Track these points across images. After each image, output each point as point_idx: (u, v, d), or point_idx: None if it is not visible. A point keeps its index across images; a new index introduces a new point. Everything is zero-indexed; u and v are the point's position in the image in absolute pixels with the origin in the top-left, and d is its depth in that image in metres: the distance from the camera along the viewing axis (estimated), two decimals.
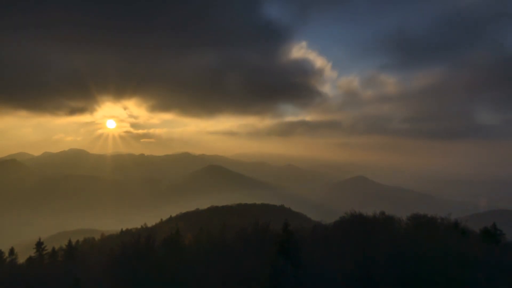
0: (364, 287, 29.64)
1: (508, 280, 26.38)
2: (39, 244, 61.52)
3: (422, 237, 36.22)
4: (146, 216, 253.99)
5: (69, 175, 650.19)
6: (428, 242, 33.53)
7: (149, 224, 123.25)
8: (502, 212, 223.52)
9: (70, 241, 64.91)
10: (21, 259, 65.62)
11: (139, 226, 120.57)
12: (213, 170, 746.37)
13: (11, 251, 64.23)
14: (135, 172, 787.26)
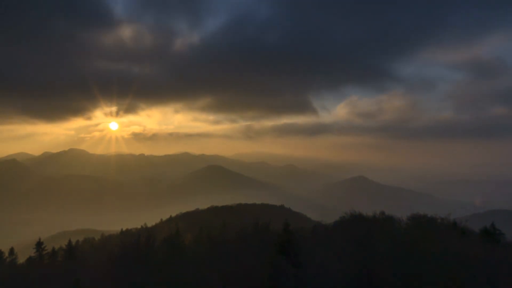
0: (364, 287, 29.65)
1: (508, 280, 26.38)
2: (39, 244, 61.53)
3: (422, 237, 36.21)
4: (146, 216, 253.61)
5: (69, 175, 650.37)
6: (428, 242, 33.52)
7: (149, 224, 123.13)
8: (502, 212, 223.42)
9: (70, 241, 64.92)
10: (21, 259, 65.65)
11: (139, 226, 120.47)
12: (213, 170, 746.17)
13: (11, 251, 64.31)
14: (135, 172, 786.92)
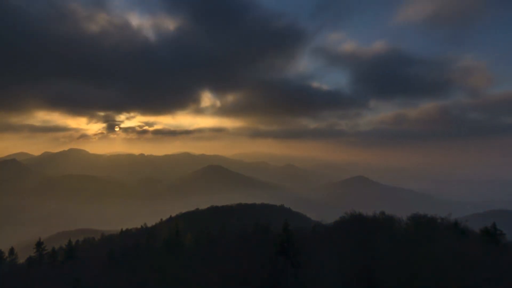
0: (364, 287, 29.63)
1: (508, 281, 26.36)
2: (39, 244, 61.54)
3: (422, 237, 36.20)
4: (146, 216, 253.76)
5: (69, 175, 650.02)
6: (428, 242, 33.52)
7: (149, 224, 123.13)
8: (502, 212, 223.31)
9: (70, 241, 64.97)
10: (21, 259, 65.69)
11: (139, 226, 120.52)
12: (213, 170, 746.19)
13: (11, 251, 64.33)
14: (135, 172, 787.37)
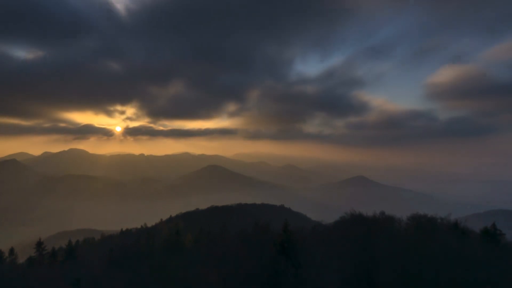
0: (364, 287, 29.63)
1: (509, 280, 26.36)
2: (39, 244, 61.51)
3: (422, 237, 36.18)
4: (146, 216, 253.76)
5: (69, 175, 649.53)
6: (428, 242, 33.50)
7: (149, 224, 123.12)
8: (502, 212, 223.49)
9: (70, 241, 64.96)
10: (21, 259, 65.64)
11: (139, 226, 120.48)
12: (213, 170, 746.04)
13: (11, 251, 64.24)
14: (135, 172, 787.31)
